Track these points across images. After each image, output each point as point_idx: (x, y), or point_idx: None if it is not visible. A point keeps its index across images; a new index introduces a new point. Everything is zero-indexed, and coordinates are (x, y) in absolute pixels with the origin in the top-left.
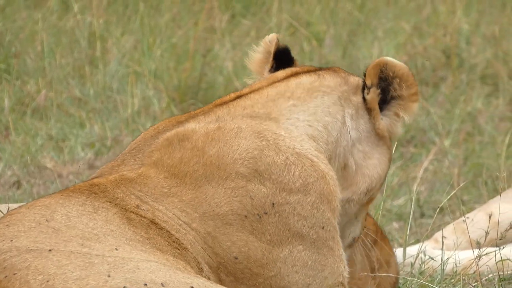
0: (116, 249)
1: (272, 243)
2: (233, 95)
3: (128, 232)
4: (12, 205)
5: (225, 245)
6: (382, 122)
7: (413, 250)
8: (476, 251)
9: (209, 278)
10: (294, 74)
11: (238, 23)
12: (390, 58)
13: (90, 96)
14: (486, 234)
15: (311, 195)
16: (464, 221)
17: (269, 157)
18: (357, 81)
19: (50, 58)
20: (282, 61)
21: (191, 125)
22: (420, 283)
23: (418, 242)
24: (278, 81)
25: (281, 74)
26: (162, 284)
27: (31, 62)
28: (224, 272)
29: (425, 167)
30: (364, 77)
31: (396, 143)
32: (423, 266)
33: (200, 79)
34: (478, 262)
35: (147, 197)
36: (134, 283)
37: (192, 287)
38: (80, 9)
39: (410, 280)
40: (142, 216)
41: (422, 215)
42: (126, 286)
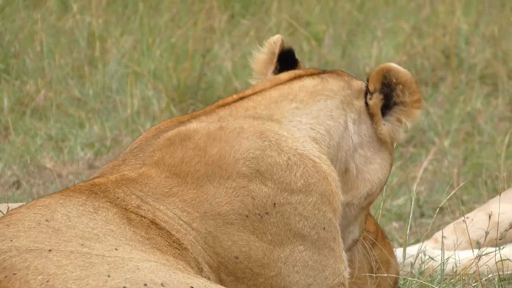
0: (116, 249)
1: (273, 243)
2: (235, 96)
3: (128, 232)
4: (12, 204)
5: (226, 244)
6: (384, 127)
7: (413, 250)
8: (476, 251)
9: (209, 278)
10: (298, 77)
11: (237, 23)
12: (393, 64)
13: (89, 96)
14: (486, 234)
15: (313, 196)
16: (464, 221)
17: (271, 157)
18: (360, 85)
19: (50, 58)
20: (286, 62)
21: (193, 125)
22: (420, 283)
23: (418, 242)
24: (281, 83)
25: (284, 76)
26: (162, 284)
27: (30, 62)
28: (224, 272)
29: (424, 167)
30: (367, 82)
31: (395, 144)
32: (423, 266)
33: (199, 79)
34: (478, 262)
35: (148, 197)
36: (134, 283)
37: (192, 287)
38: (79, 9)
39: (410, 280)
40: (142, 216)
41: (422, 215)
42: (126, 286)
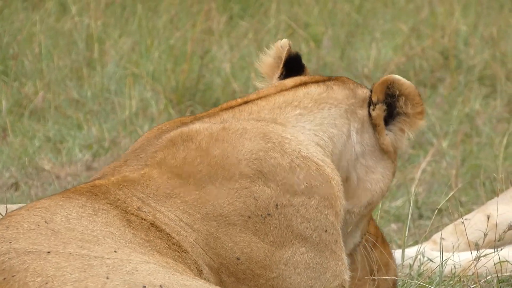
0: (115, 251)
1: (275, 245)
2: (240, 100)
3: (128, 234)
4: (10, 206)
5: (227, 245)
6: (387, 137)
7: (411, 251)
8: (474, 253)
9: (209, 280)
10: (303, 84)
11: (236, 25)
12: (397, 76)
13: (87, 98)
14: (485, 235)
15: (315, 198)
16: (462, 222)
17: (274, 158)
18: (365, 93)
19: (48, 60)
20: (293, 67)
21: (196, 125)
22: (418, 285)
23: (416, 243)
24: (286, 89)
25: (289, 82)
26: (160, 286)
27: (29, 64)
28: (225, 273)
29: (423, 169)
30: (370, 92)
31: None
32: (422, 267)
33: (198, 81)
34: (477, 263)
35: (149, 198)
36: (133, 285)
37: None
38: (77, 11)
39: (408, 282)
40: (142, 218)
41: (421, 217)
42: None
